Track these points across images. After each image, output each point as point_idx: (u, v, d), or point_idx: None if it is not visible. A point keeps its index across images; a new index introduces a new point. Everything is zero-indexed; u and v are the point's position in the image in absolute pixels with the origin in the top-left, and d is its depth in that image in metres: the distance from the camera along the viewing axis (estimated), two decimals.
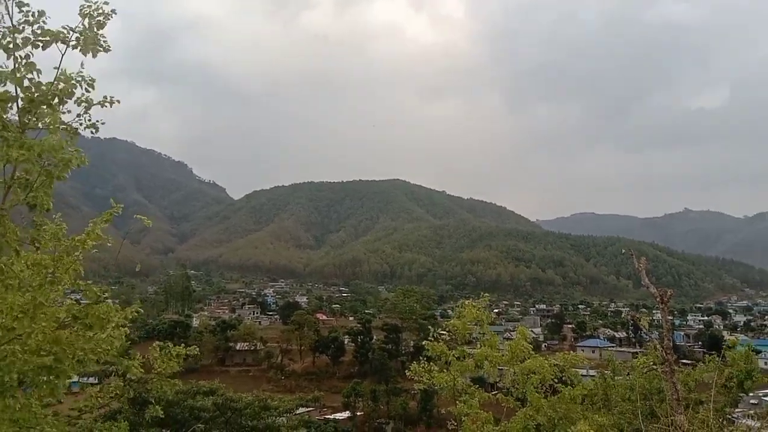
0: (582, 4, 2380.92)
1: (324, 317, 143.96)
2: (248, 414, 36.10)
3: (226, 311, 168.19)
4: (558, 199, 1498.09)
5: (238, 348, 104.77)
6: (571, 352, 15.24)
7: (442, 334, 12.52)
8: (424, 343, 12.85)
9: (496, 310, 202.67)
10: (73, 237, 6.10)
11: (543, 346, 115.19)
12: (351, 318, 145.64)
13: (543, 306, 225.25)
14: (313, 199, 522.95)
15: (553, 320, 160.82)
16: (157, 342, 9.01)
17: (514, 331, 13.09)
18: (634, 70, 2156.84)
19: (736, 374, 14.41)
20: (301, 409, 58.57)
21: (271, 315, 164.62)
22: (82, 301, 6.21)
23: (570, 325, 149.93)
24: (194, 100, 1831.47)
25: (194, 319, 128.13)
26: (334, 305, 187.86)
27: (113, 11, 5.86)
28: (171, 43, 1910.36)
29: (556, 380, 12.42)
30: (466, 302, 12.79)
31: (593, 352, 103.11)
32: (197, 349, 9.35)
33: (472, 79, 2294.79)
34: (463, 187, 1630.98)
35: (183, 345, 10.37)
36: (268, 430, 36.35)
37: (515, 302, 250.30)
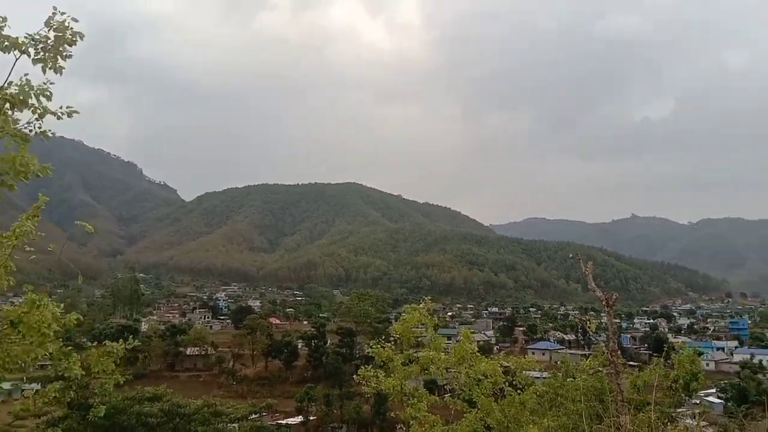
0: (535, 15, 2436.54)
1: (277, 321, 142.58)
2: (197, 420, 35.44)
3: (177, 315, 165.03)
4: (511, 204, 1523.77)
5: (188, 353, 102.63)
6: (524, 355, 15.46)
7: (389, 339, 12.54)
8: (368, 349, 12.85)
9: (450, 314, 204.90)
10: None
11: (495, 348, 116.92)
12: (305, 322, 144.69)
13: (495, 309, 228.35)
14: (268, 201, 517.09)
15: (505, 323, 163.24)
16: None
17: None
18: (584, 80, 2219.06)
19: (682, 376, 14.87)
20: (253, 415, 57.85)
21: (222, 319, 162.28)
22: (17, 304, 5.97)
23: (521, 328, 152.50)
24: (146, 99, 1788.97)
25: (143, 323, 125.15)
26: (288, 309, 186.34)
27: (81, 35, 5.77)
28: (122, 40, 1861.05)
29: (506, 383, 12.59)
30: (409, 307, 12.86)
31: (543, 354, 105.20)
32: (138, 342, 9.06)
33: (428, 85, 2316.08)
34: (418, 191, 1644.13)
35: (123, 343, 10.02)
36: None
37: (468, 305, 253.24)
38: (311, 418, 72.41)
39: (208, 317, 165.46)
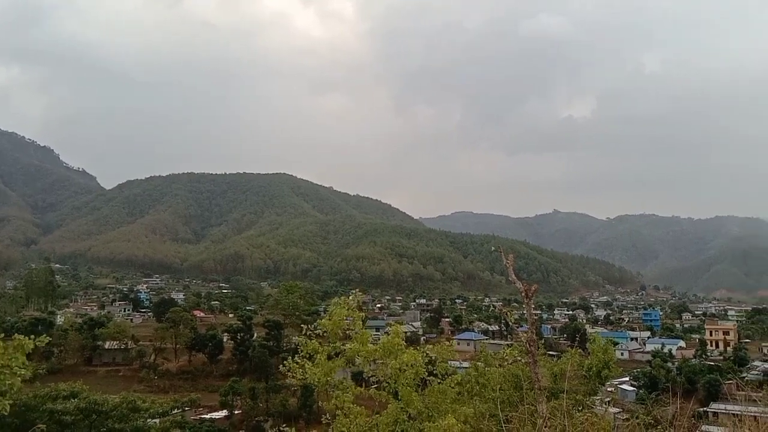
0: (466, 12, 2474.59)
1: (202, 314, 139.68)
2: (115, 417, 34.16)
3: (95, 308, 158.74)
4: (440, 197, 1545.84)
5: (107, 347, 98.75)
6: (447, 342, 15.71)
7: (316, 331, 12.51)
8: (294, 341, 12.78)
9: (379, 305, 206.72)
10: None
11: (422, 339, 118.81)
12: (231, 315, 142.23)
13: (423, 300, 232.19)
14: (193, 191, 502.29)
15: (431, 314, 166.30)
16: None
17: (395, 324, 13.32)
18: (512, 78, 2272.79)
19: (594, 364, 15.61)
20: (175, 410, 56.44)
21: (144, 312, 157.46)
22: None
23: (447, 319, 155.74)
24: (64, 81, 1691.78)
25: (58, 316, 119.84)
26: (213, 302, 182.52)
27: None
28: (38, 18, 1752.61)
29: (428, 373, 12.82)
30: (337, 300, 12.87)
31: (468, 344, 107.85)
32: (49, 338, 8.59)
33: (361, 76, 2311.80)
34: (350, 183, 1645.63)
35: (32, 338, 9.41)
36: None
37: (397, 297, 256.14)
38: (236, 412, 71.49)
39: (128, 310, 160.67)
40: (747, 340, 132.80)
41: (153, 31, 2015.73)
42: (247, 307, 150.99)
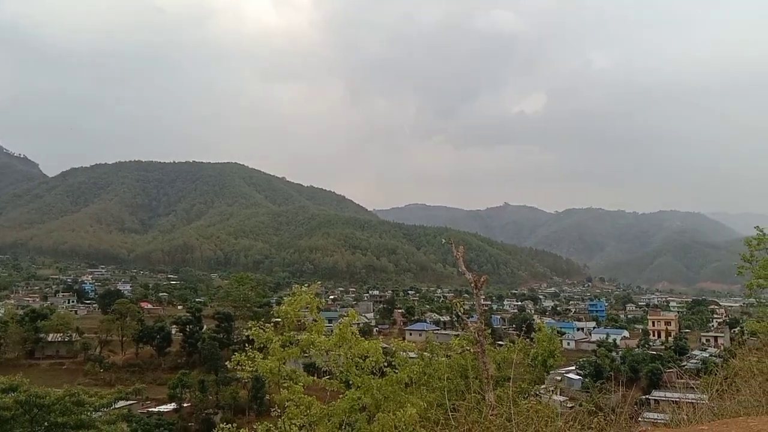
0: (422, 6, 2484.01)
1: (149, 306, 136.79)
2: (58, 410, 33.08)
3: (37, 299, 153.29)
4: (394, 189, 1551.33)
5: (50, 339, 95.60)
6: (403, 337, 15.88)
7: (273, 321, 12.46)
8: (247, 331, 12.69)
9: (332, 297, 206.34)
10: None
11: (375, 330, 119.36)
12: (180, 307, 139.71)
13: (376, 292, 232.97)
14: (141, 179, 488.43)
15: (384, 305, 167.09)
16: None
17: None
18: (465, 72, 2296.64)
19: (540, 353, 16.05)
20: (121, 403, 55.38)
21: (89, 304, 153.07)
22: None
23: (400, 310, 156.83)
24: (5, 64, 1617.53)
25: None
26: (161, 293, 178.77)
27: None
28: None
29: (385, 364, 12.95)
30: (298, 288, 12.82)
31: (420, 335, 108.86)
32: None
33: (315, 66, 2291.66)
34: (303, 174, 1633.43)
35: None
36: (82, 427, 33.61)
37: (350, 288, 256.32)
38: (185, 404, 70.41)
39: (72, 301, 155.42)
40: (687, 330, 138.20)
41: (101, 15, 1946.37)
42: (197, 299, 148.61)
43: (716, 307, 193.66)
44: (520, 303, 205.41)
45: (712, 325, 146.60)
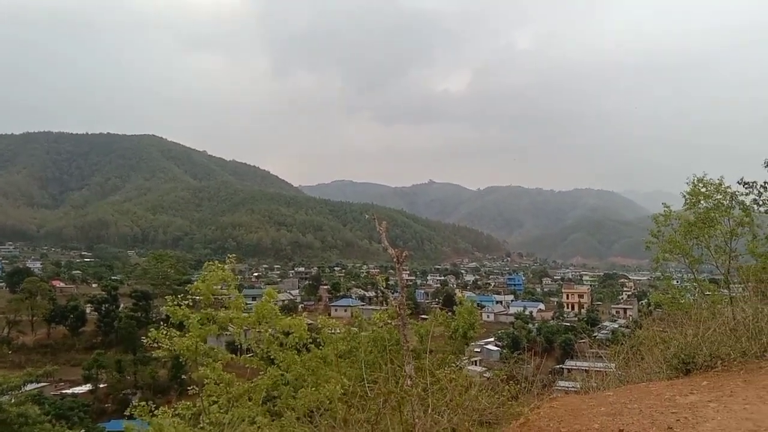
0: None
1: (62, 284, 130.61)
2: None
3: None
4: (320, 165, 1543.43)
5: None
6: (329, 314, 15.86)
7: (188, 298, 12.09)
8: (163, 308, 12.30)
9: (255, 274, 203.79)
10: None
11: (300, 306, 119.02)
12: (95, 285, 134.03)
13: (302, 269, 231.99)
14: (51, 151, 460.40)
15: (310, 282, 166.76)
16: None
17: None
18: (392, 47, 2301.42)
19: (460, 326, 16.45)
20: (32, 385, 53.15)
21: None
22: None
23: (326, 286, 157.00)
24: None
25: None
26: (74, 271, 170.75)
27: None
28: None
29: (310, 340, 12.90)
30: (212, 264, 12.50)
31: (345, 311, 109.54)
32: None
33: (239, 37, 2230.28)
34: (226, 148, 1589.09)
35: None
36: None
37: (275, 265, 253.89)
38: (101, 385, 68.21)
39: None
40: (599, 303, 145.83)
41: None
42: (113, 277, 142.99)
43: (626, 280, 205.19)
44: (443, 278, 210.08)
45: (622, 298, 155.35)
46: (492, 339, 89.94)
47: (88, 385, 68.20)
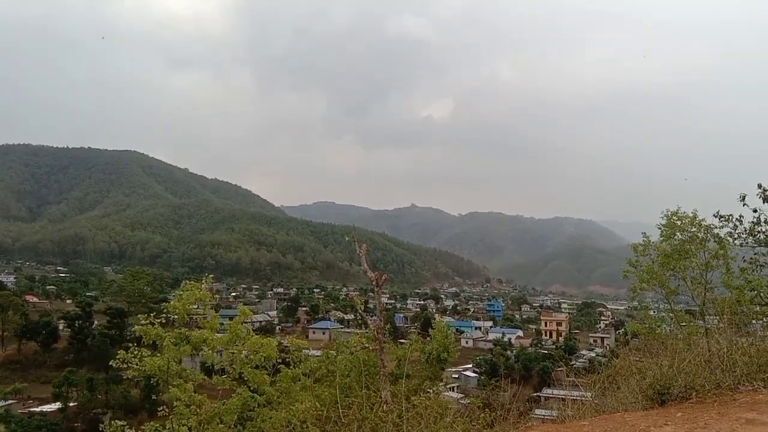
0: (333, 3, 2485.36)
1: (35, 299, 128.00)
2: None
3: None
4: (303, 186, 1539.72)
5: None
6: (306, 336, 15.71)
7: (162, 316, 11.88)
8: (135, 327, 12.09)
9: (233, 294, 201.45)
10: None
11: (277, 328, 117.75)
12: (69, 301, 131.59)
13: (281, 290, 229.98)
14: (29, 164, 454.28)
15: (288, 303, 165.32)
16: None
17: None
18: (375, 73, 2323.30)
19: (435, 349, 16.36)
20: None
21: None
22: None
23: (305, 308, 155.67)
24: None
25: None
26: (48, 286, 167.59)
27: None
28: None
29: (280, 360, 12.73)
30: (188, 283, 12.33)
31: (324, 333, 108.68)
32: None
33: (223, 56, 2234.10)
34: (208, 166, 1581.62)
35: None
36: None
37: (254, 286, 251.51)
38: (71, 404, 66.45)
39: None
40: (577, 331, 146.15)
41: None
42: (88, 293, 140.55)
43: (604, 309, 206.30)
44: (422, 302, 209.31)
45: (600, 327, 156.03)
46: (470, 365, 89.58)
47: (58, 403, 66.36)
